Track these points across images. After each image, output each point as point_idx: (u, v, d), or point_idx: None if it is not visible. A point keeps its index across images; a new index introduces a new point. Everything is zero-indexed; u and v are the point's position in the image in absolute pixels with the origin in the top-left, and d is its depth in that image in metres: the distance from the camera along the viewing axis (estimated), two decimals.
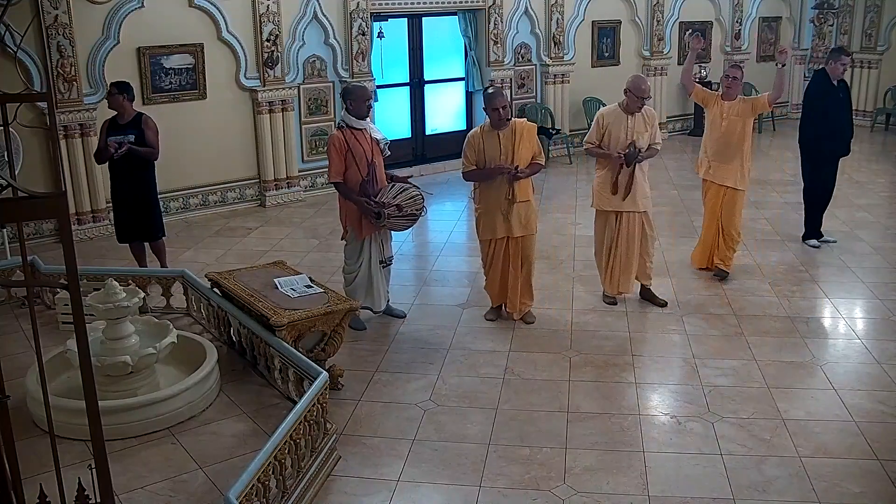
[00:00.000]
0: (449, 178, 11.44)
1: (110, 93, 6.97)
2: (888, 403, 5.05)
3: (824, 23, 14.80)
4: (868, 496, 4.16)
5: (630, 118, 6.29)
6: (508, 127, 5.96)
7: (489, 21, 11.67)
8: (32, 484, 3.44)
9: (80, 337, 2.58)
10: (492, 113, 5.92)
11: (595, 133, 6.41)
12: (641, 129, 6.30)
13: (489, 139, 5.97)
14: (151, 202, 7.13)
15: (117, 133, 6.83)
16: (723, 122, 6.87)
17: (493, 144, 5.95)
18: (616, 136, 6.29)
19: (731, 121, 6.84)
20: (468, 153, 6.03)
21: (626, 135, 6.26)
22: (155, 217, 7.19)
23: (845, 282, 7.18)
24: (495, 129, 5.97)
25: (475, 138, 6.02)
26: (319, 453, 4.31)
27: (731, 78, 6.93)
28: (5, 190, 2.58)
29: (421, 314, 6.58)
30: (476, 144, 6.00)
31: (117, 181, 7.06)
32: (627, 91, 6.27)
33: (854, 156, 12.42)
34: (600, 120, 6.39)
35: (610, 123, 6.32)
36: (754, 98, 7.04)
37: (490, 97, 5.96)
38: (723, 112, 6.88)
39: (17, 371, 5.13)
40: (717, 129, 6.93)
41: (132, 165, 6.86)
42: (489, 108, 5.93)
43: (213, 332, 6.02)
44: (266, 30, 9.70)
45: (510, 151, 5.93)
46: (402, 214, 6.04)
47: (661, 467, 4.41)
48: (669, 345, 5.97)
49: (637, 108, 6.26)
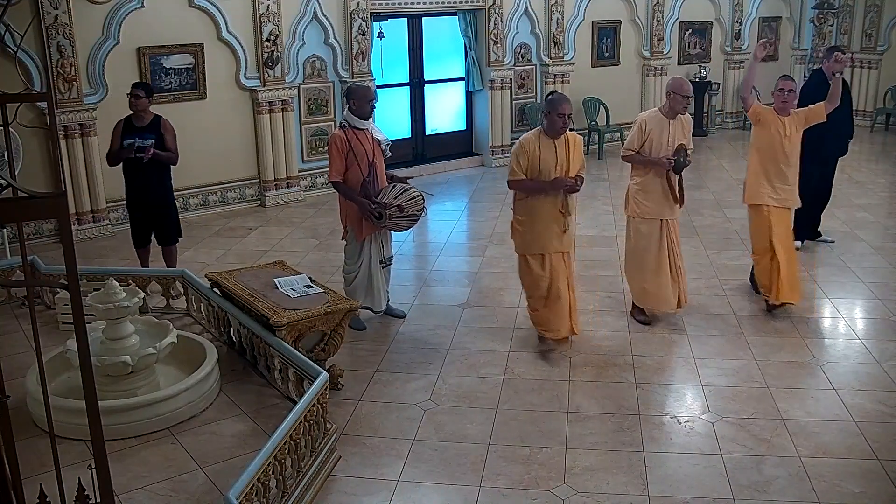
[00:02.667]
0: (449, 178, 11.45)
1: (137, 95, 6.71)
2: (888, 403, 5.05)
3: (824, 23, 14.79)
4: (868, 496, 4.16)
5: (671, 124, 6.01)
6: (562, 137, 5.60)
7: (489, 21, 11.67)
8: (32, 484, 3.45)
9: (80, 337, 2.58)
10: (557, 119, 5.50)
11: (637, 139, 6.04)
12: (681, 135, 6.05)
13: (545, 148, 5.56)
14: (170, 204, 7.02)
15: (134, 136, 6.64)
16: (784, 139, 6.29)
17: (549, 154, 5.55)
18: (658, 143, 5.98)
19: (794, 138, 6.33)
20: (521, 160, 5.56)
21: (667, 141, 6.00)
22: (173, 219, 7.08)
23: (845, 282, 7.18)
24: (551, 138, 5.58)
25: (530, 145, 5.56)
26: (319, 453, 4.31)
27: (788, 91, 6.26)
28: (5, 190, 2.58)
29: (421, 314, 6.58)
30: (531, 152, 5.55)
31: (134, 184, 6.85)
32: (670, 93, 5.95)
33: (854, 156, 12.49)
34: (643, 126, 6.04)
35: (652, 129, 6.00)
36: (808, 109, 6.41)
37: (555, 102, 5.54)
38: (785, 129, 6.29)
39: (17, 371, 5.13)
40: (779, 149, 6.32)
41: (151, 168, 6.70)
42: (555, 113, 5.49)
43: (213, 332, 6.02)
44: (266, 30, 9.70)
45: (566, 162, 5.58)
46: (403, 215, 6.03)
47: (661, 467, 4.41)
48: (669, 345, 5.97)
49: (683, 109, 5.99)
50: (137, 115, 6.74)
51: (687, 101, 5.98)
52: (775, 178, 6.35)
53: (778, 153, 6.33)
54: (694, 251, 7.93)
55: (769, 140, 6.35)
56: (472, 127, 12.42)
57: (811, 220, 8.13)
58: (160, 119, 6.83)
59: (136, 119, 6.74)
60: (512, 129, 12.24)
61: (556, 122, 5.52)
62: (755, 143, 6.50)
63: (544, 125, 5.61)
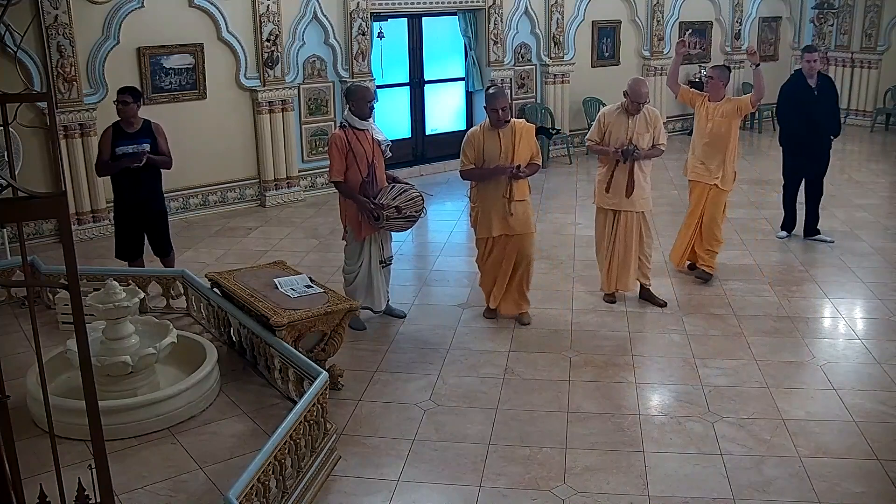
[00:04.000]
0: (449, 178, 11.43)
1: (124, 101, 6.43)
2: (888, 403, 5.06)
3: (824, 23, 14.80)
4: (868, 496, 4.16)
5: (631, 119, 6.31)
6: (508, 127, 5.97)
7: (489, 21, 11.67)
8: (32, 484, 3.44)
9: (80, 337, 2.58)
10: (491, 113, 5.93)
11: (596, 132, 6.46)
12: (643, 130, 6.31)
13: (489, 138, 5.98)
14: (164, 212, 6.84)
15: (127, 142, 6.42)
16: (708, 122, 6.92)
17: (493, 144, 5.96)
18: (616, 136, 6.32)
19: (717, 121, 6.87)
20: (467, 152, 6.03)
21: (626, 135, 6.29)
22: (167, 230, 6.86)
23: (845, 282, 7.18)
24: (495, 129, 5.98)
25: (475, 137, 6.02)
26: (319, 453, 4.31)
27: (709, 78, 7.09)
28: (5, 190, 2.58)
29: (421, 314, 6.58)
30: (476, 143, 6.00)
31: (126, 194, 6.56)
32: (626, 94, 6.32)
33: (854, 156, 12.51)
34: (601, 119, 6.44)
35: (611, 123, 6.36)
36: (739, 98, 7.06)
37: (491, 97, 5.96)
38: (708, 113, 6.92)
39: (17, 371, 5.13)
40: (703, 130, 6.97)
41: (145, 176, 6.49)
42: (489, 107, 5.93)
43: (213, 332, 6.02)
44: (266, 30, 9.70)
45: (510, 151, 5.94)
46: (400, 216, 6.03)
47: (661, 467, 4.41)
48: (669, 345, 5.97)
49: (635, 111, 6.30)
50: (126, 121, 6.49)
51: (639, 106, 6.29)
52: (700, 155, 7.03)
53: (702, 132, 7.00)
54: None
55: (697, 120, 7.11)
56: (472, 127, 12.38)
57: (807, 217, 8.25)
58: (150, 123, 6.60)
59: (125, 125, 6.49)
60: None
61: (492, 116, 5.94)
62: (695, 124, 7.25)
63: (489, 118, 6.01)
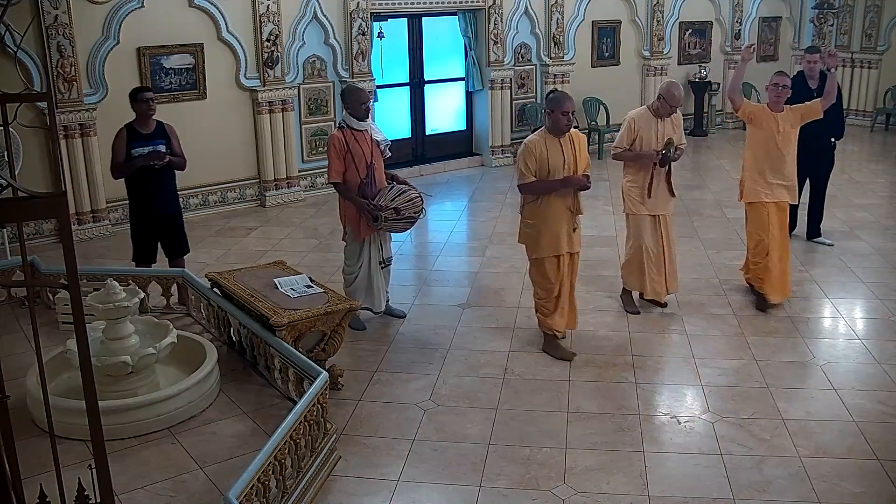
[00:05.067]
0: (449, 178, 11.45)
1: (145, 100, 6.32)
2: (888, 403, 5.06)
3: (824, 23, 14.80)
4: (868, 496, 4.16)
5: (660, 122, 6.16)
6: (567, 135, 5.57)
7: (489, 21, 11.67)
8: (32, 484, 3.44)
9: (80, 337, 2.58)
10: (560, 117, 5.44)
11: (626, 137, 6.18)
12: (670, 132, 6.19)
13: (552, 147, 5.49)
14: (180, 212, 6.77)
15: (143, 144, 6.30)
16: (779, 135, 6.34)
17: (556, 153, 5.48)
18: (647, 141, 6.14)
19: (787, 133, 6.38)
20: (528, 163, 5.47)
21: (657, 139, 6.15)
22: (184, 231, 6.81)
23: (845, 282, 7.18)
24: (556, 137, 5.52)
25: (537, 147, 5.47)
26: (319, 453, 4.31)
27: (782, 87, 6.34)
28: (5, 190, 2.58)
29: (421, 314, 6.58)
30: (538, 153, 5.46)
31: (146, 194, 6.44)
32: (661, 97, 6.11)
33: (854, 156, 12.51)
34: (632, 124, 6.18)
35: (641, 127, 6.15)
36: (804, 105, 6.48)
37: (559, 100, 5.50)
38: (778, 125, 6.34)
39: (17, 371, 5.13)
40: (774, 144, 6.36)
41: (164, 178, 6.43)
42: (559, 111, 5.43)
43: (213, 332, 6.02)
44: (266, 30, 9.70)
45: (572, 160, 5.54)
46: (399, 217, 6.01)
47: (661, 467, 4.42)
48: (669, 345, 5.97)
49: (668, 114, 6.14)
50: (144, 122, 6.38)
51: (673, 110, 6.11)
52: (770, 174, 6.40)
53: (772, 149, 6.38)
54: (694, 251, 7.94)
55: (763, 137, 6.41)
56: (472, 127, 12.42)
57: (809, 219, 8.21)
58: (164, 124, 6.55)
59: (141, 126, 6.37)
60: (512, 129, 12.25)
61: (561, 121, 5.46)
62: (749, 141, 6.56)
63: (548, 124, 5.55)
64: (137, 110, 6.36)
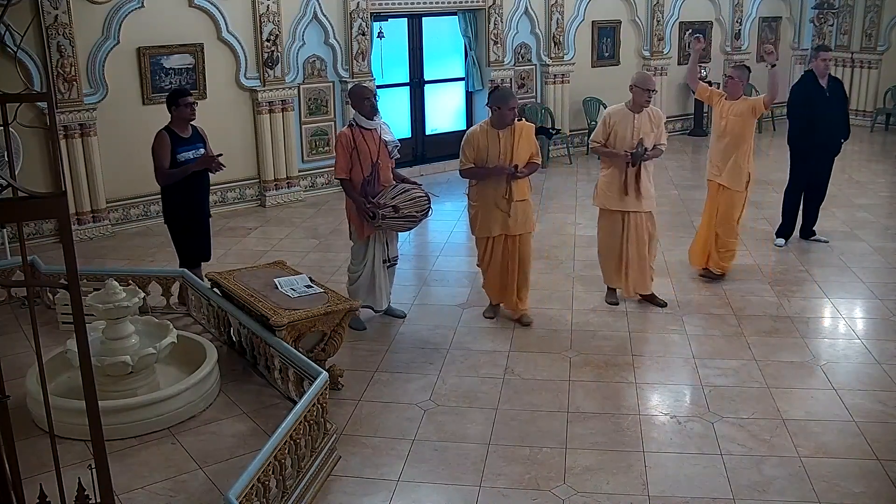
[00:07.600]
0: (449, 178, 11.42)
1: (188, 104, 6.18)
2: (888, 403, 5.06)
3: (824, 23, 14.80)
4: (868, 496, 4.16)
5: (636, 117, 6.26)
6: (509, 127, 5.94)
7: (489, 21, 11.67)
8: (32, 484, 3.44)
9: (80, 337, 2.58)
10: (507, 113, 5.86)
11: (601, 132, 6.37)
12: (647, 129, 6.27)
13: (490, 138, 5.96)
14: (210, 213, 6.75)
15: (186, 148, 6.20)
16: (722, 121, 6.89)
17: (493, 143, 5.95)
18: (622, 136, 6.26)
19: (731, 120, 6.83)
20: (467, 151, 6.02)
21: (632, 134, 6.24)
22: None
23: (845, 282, 7.18)
24: (496, 129, 5.96)
25: (475, 137, 6.00)
26: (319, 453, 4.31)
27: (728, 77, 7.09)
28: (5, 190, 2.58)
29: (421, 314, 6.58)
30: (476, 143, 5.99)
31: (195, 198, 6.37)
32: (633, 86, 6.25)
33: (854, 156, 12.50)
34: (607, 119, 6.37)
35: (616, 122, 6.29)
36: (754, 99, 7.04)
37: (503, 97, 5.93)
38: (723, 112, 6.89)
39: (17, 371, 5.13)
40: (718, 128, 6.96)
41: (206, 181, 6.40)
42: (505, 107, 5.86)
43: (213, 332, 6.02)
44: (266, 30, 9.70)
45: (509, 151, 5.94)
46: (398, 216, 6.01)
47: (661, 467, 4.42)
48: (669, 345, 5.97)
49: (644, 101, 6.22)
50: (184, 126, 6.23)
51: (648, 95, 6.26)
52: (714, 154, 7.04)
53: (717, 131, 6.99)
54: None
55: (714, 119, 7.10)
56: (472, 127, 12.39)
57: (806, 218, 8.24)
58: (196, 127, 6.37)
59: (180, 129, 6.23)
60: None
61: (507, 117, 5.89)
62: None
63: (493, 119, 5.97)
64: (180, 115, 6.22)
